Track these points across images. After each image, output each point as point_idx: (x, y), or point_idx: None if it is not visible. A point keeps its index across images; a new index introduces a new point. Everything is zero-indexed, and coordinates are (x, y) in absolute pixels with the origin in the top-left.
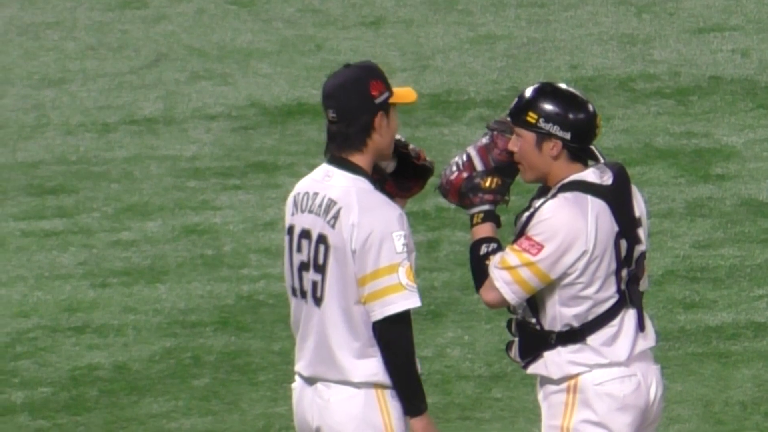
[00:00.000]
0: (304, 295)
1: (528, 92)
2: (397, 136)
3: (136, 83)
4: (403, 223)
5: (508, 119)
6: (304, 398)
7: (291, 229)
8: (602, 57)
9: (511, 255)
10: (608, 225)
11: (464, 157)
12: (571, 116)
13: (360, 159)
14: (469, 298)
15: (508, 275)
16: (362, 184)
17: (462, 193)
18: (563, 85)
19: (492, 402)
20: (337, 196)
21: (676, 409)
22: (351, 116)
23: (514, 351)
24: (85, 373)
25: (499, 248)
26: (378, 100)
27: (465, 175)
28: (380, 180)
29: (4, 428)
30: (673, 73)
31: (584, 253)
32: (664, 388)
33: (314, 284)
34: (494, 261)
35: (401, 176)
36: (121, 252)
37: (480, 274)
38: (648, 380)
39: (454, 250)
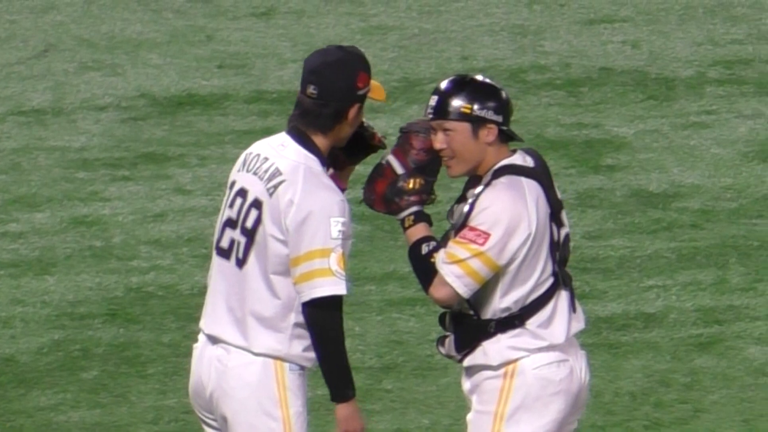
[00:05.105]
0: (223, 252)
1: (448, 86)
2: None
3: (24, 74)
4: (344, 210)
5: (430, 118)
6: (203, 357)
7: (232, 185)
8: (493, 48)
9: (457, 248)
10: (544, 206)
11: (383, 164)
12: (500, 99)
13: (320, 140)
14: (360, 289)
15: (458, 268)
16: (313, 163)
17: (388, 200)
18: (469, 75)
19: (382, 393)
20: (284, 168)
21: None
22: (330, 99)
23: (448, 346)
24: None
25: (439, 246)
26: (360, 92)
27: (387, 181)
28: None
29: None
30: (563, 64)
31: (528, 236)
32: (591, 375)
33: (237, 244)
34: (440, 257)
35: (352, 149)
36: (9, 244)
37: (425, 273)
38: (579, 365)
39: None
